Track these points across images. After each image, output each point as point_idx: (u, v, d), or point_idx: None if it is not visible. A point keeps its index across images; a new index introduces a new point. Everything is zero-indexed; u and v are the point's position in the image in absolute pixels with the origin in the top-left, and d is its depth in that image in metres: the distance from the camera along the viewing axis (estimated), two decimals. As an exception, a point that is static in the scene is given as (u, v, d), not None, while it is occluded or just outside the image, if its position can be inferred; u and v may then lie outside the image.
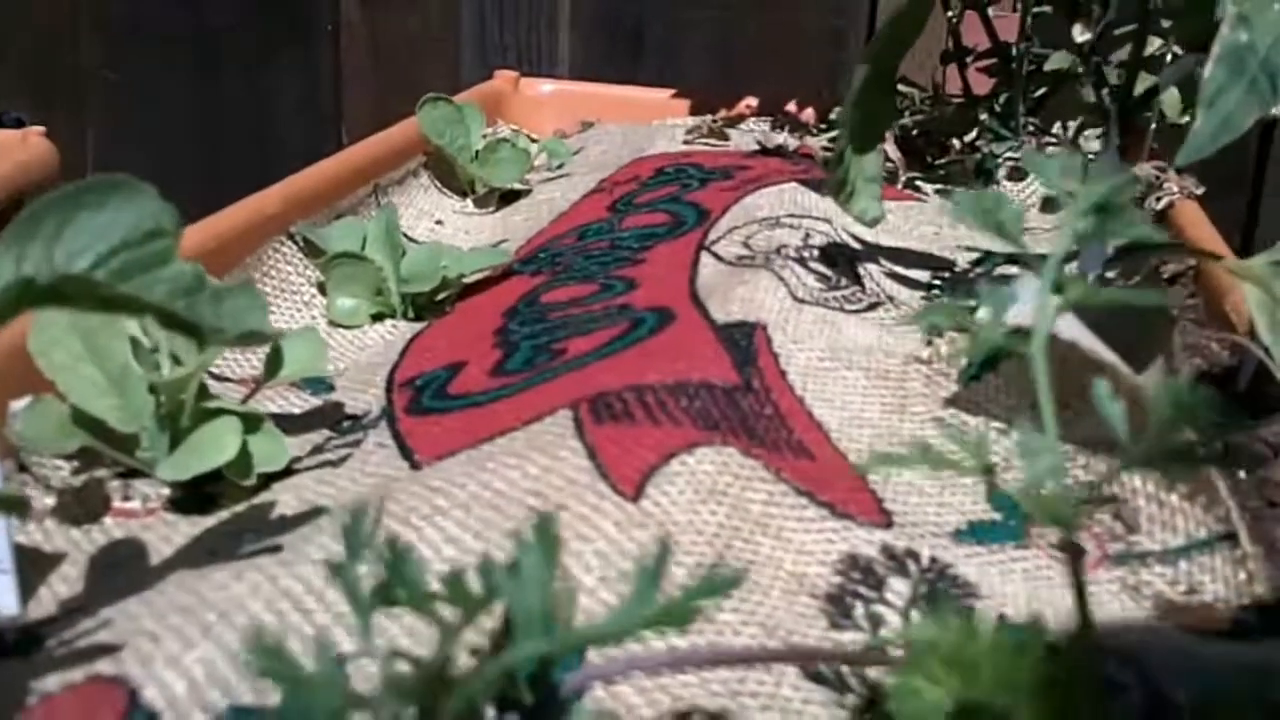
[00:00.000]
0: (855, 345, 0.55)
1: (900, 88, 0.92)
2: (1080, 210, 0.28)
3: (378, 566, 0.28)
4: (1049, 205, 0.88)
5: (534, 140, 0.98)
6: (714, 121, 0.89)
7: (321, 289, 0.67)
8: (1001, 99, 0.93)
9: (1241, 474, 0.49)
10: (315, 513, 0.44)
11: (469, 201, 0.86)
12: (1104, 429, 0.27)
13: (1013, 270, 0.73)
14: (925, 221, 0.82)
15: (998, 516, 0.45)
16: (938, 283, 0.70)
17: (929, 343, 0.54)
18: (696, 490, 0.41)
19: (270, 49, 1.48)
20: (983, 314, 0.49)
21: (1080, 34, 0.55)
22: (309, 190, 0.74)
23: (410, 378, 0.56)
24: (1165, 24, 0.89)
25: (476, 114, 0.89)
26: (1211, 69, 0.45)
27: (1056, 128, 0.95)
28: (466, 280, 0.69)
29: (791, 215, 0.70)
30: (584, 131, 1.07)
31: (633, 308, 0.58)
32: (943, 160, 0.92)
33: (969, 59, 0.99)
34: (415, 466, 0.46)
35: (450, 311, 0.67)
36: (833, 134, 0.90)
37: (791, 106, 1.11)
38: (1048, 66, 0.90)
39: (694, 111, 1.11)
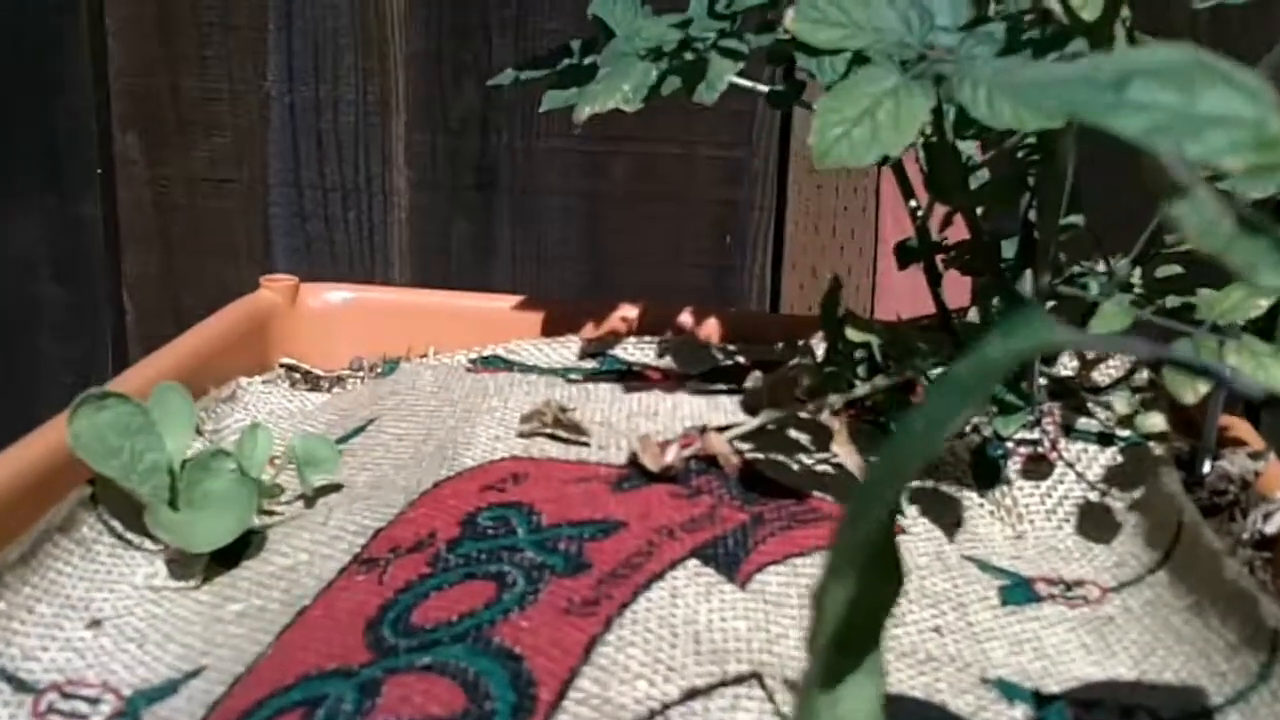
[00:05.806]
0: None
1: (850, 333, 0.60)
2: None
3: None
4: (1091, 524, 0.57)
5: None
6: (561, 411, 0.56)
7: None
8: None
9: None
10: None
11: (160, 565, 0.52)
12: None
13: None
14: (919, 598, 0.49)
15: None
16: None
17: None
18: None
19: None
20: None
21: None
22: None
23: None
24: None
25: (181, 406, 0.55)
26: None
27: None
28: None
29: (688, 697, 0.38)
30: (383, 374, 0.73)
31: None
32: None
33: (943, 256, 0.67)
34: None
35: None
36: (751, 424, 0.57)
37: (685, 317, 0.79)
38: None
39: (549, 329, 0.78)
